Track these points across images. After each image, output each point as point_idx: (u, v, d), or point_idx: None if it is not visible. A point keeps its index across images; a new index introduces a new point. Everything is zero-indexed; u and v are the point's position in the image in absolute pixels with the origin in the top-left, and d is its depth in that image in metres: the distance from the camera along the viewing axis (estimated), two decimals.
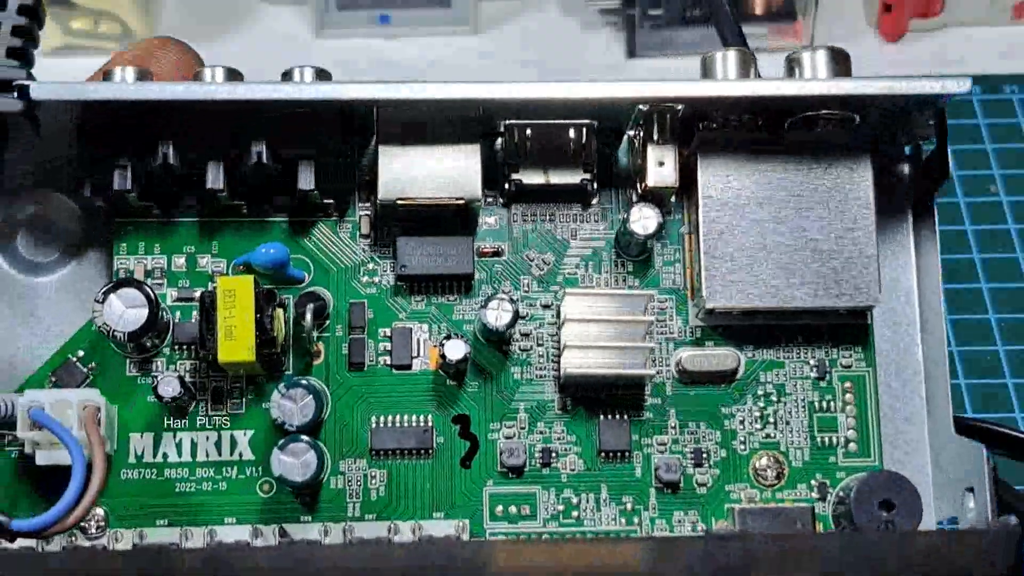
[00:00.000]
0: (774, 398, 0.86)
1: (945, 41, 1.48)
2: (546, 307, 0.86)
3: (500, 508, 0.84)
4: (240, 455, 0.84)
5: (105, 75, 0.83)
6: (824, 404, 0.86)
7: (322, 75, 0.83)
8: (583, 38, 1.46)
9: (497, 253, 0.87)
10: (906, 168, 0.90)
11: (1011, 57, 1.46)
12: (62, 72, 0.88)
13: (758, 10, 1.46)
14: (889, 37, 1.47)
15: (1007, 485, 0.87)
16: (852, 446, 0.85)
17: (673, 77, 0.83)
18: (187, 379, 0.83)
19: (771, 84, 0.82)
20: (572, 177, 0.86)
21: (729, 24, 1.08)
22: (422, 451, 0.84)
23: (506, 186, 0.86)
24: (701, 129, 0.85)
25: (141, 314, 0.81)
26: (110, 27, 1.35)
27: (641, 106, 0.83)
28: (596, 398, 0.85)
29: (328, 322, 0.85)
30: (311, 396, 0.80)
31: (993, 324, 1.29)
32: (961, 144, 1.40)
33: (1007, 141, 1.41)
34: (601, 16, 1.47)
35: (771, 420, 0.85)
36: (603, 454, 0.85)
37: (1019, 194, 1.37)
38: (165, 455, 0.83)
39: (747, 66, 0.84)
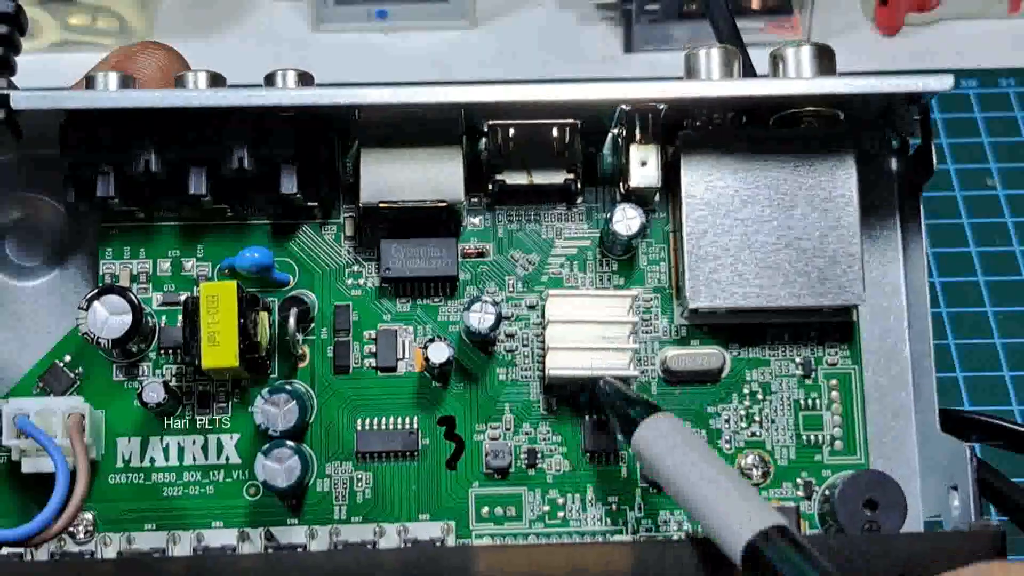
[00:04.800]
0: (760, 397, 0.85)
1: (941, 35, 1.48)
2: (531, 308, 0.86)
3: (486, 509, 0.84)
4: (227, 459, 0.84)
5: (88, 81, 0.83)
6: (810, 402, 0.85)
7: (304, 78, 0.83)
8: (580, 33, 1.46)
9: (481, 254, 0.87)
10: (893, 164, 0.89)
11: (1007, 50, 1.46)
12: (60, 68, 0.89)
13: (755, 4, 1.46)
14: (886, 31, 1.47)
15: (994, 470, 0.87)
16: (838, 444, 0.85)
17: (666, 73, 0.83)
18: (173, 384, 0.83)
19: (753, 84, 0.82)
20: (556, 177, 0.86)
21: (724, 18, 1.07)
22: (408, 453, 0.84)
23: (490, 187, 0.86)
24: (685, 128, 0.85)
25: (125, 321, 0.80)
26: (108, 23, 1.36)
27: (624, 106, 0.82)
28: (581, 398, 0.85)
29: (313, 325, 0.85)
30: (295, 401, 0.80)
31: (990, 317, 1.29)
32: (958, 138, 1.40)
33: (1004, 135, 1.41)
34: (598, 11, 1.47)
35: (756, 419, 0.85)
36: (588, 454, 0.85)
37: (1016, 187, 1.37)
38: (152, 460, 0.84)
39: (731, 63, 0.83)
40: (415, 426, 0.84)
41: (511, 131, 0.84)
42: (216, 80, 0.83)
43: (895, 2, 1.44)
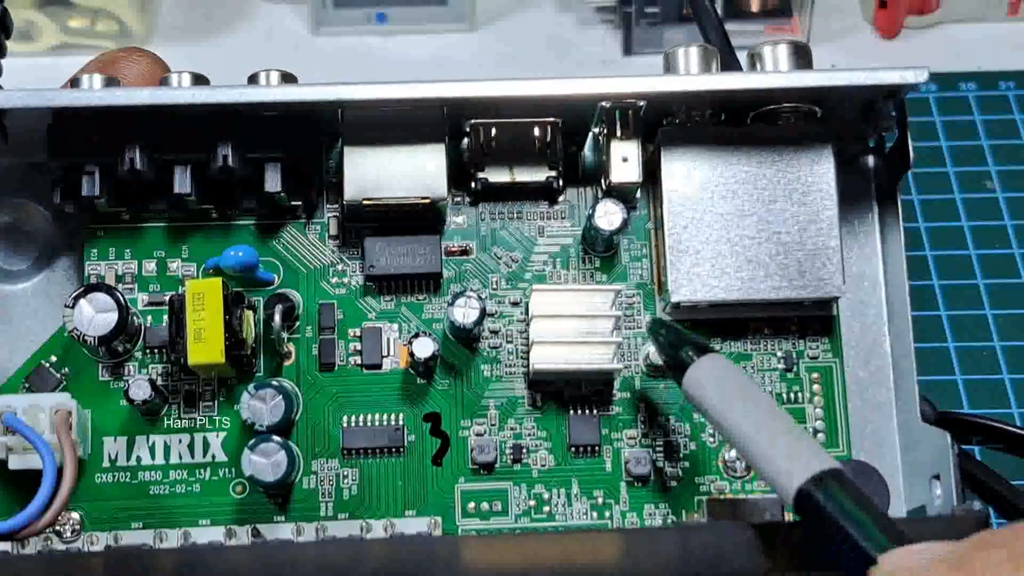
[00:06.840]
0: None
1: (941, 37, 1.48)
2: (515, 304, 0.86)
3: (472, 504, 0.84)
4: (213, 457, 0.84)
5: (73, 83, 0.84)
6: (792, 395, 0.86)
7: (288, 79, 0.84)
8: (579, 36, 1.46)
9: (465, 251, 0.87)
10: (870, 159, 0.90)
11: (1007, 53, 1.46)
12: (60, 71, 0.90)
13: (754, 7, 1.46)
14: (885, 33, 1.47)
15: (979, 464, 0.87)
16: (820, 436, 0.85)
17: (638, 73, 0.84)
18: (159, 382, 0.84)
19: (730, 77, 0.83)
20: (538, 175, 0.86)
21: (710, 20, 1.08)
22: (393, 449, 0.84)
23: (472, 184, 0.86)
24: (664, 124, 0.85)
25: (111, 319, 0.81)
26: (108, 26, 1.36)
27: (604, 103, 0.83)
28: (565, 393, 0.86)
29: (298, 323, 0.86)
30: (281, 396, 0.80)
31: (990, 320, 1.29)
32: (957, 140, 1.39)
33: (1003, 137, 1.40)
34: (597, 13, 1.47)
35: None
36: (573, 449, 0.85)
37: (1015, 190, 1.36)
38: (138, 458, 0.84)
39: (709, 61, 0.84)
40: (400, 423, 0.85)
41: (493, 130, 0.85)
42: (199, 81, 0.83)
43: (894, 5, 1.44)
